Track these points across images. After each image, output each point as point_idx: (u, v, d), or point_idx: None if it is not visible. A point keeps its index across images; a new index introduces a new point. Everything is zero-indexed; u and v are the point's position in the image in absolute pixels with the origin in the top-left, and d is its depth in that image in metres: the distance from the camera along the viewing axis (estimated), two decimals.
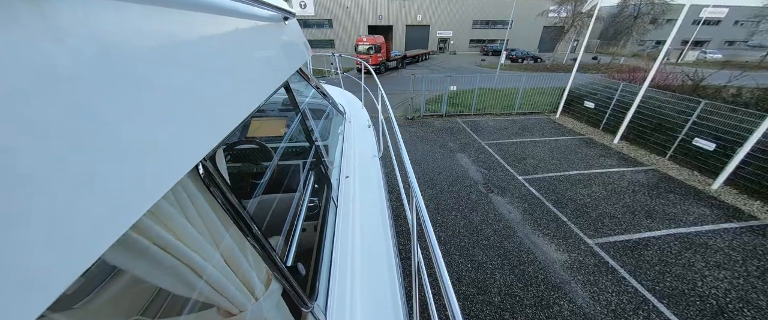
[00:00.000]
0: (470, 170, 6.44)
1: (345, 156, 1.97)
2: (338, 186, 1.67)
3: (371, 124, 2.46)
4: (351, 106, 2.88)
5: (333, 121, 2.18)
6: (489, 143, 7.89)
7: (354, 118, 2.48)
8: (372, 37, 19.69)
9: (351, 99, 3.31)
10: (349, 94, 3.70)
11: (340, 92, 3.42)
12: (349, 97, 3.44)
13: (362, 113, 2.78)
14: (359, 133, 2.27)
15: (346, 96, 3.49)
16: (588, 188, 5.74)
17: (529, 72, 22.47)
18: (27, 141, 0.25)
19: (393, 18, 34.07)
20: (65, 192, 0.28)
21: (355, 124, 2.35)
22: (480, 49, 35.73)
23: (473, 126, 9.24)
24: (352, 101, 3.20)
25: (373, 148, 2.23)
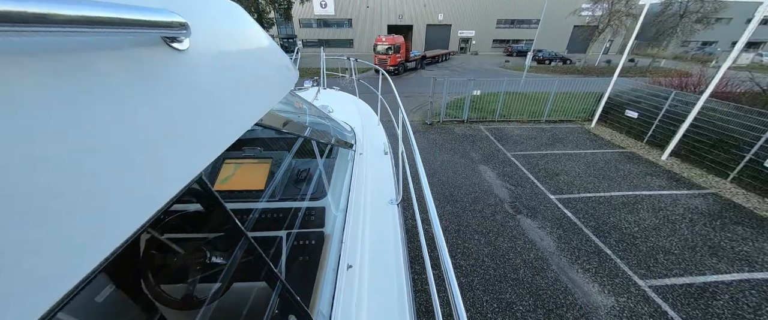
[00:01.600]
0: (495, 185, 5.84)
1: (351, 213, 1.42)
2: (336, 280, 1.13)
3: (389, 149, 1.99)
4: (365, 120, 2.46)
5: (338, 156, 1.71)
6: (515, 154, 7.21)
7: (368, 140, 2.04)
8: (391, 37, 19.23)
9: (365, 111, 2.88)
10: (363, 105, 3.27)
11: (353, 102, 3.01)
12: (363, 108, 3.02)
13: (378, 132, 2.33)
14: (372, 163, 1.82)
15: (359, 107, 3.07)
16: (634, 214, 4.98)
17: (557, 75, 21.19)
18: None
19: (413, 17, 33.42)
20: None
21: (368, 155, 1.89)
22: (503, 50, 34.29)
23: (497, 134, 8.55)
24: (365, 114, 2.77)
25: (390, 186, 1.75)
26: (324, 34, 34.61)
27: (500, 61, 28.49)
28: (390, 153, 1.96)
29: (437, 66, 25.27)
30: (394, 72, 19.63)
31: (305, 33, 34.50)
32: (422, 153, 7.21)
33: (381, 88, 3.46)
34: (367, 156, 1.84)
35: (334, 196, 1.47)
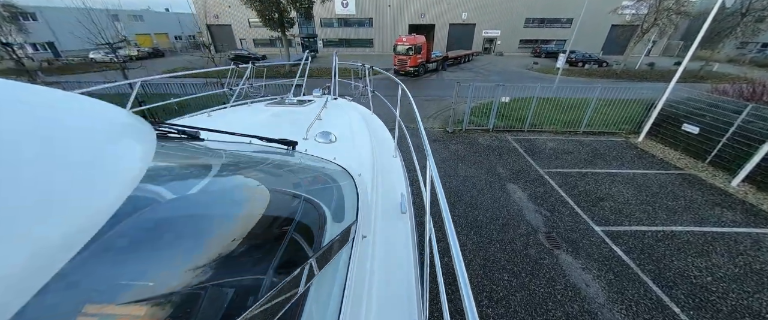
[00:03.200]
0: (526, 209, 5.07)
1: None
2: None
3: (409, 205, 1.37)
4: (378, 148, 1.90)
5: (327, 231, 1.09)
6: (549, 172, 6.35)
7: (379, 188, 1.46)
8: (412, 37, 18.53)
9: (379, 134, 2.30)
10: (377, 123, 2.70)
11: (365, 120, 2.46)
12: (377, 130, 2.46)
13: (394, 169, 1.75)
14: (387, 221, 1.22)
15: (371, 127, 2.51)
16: (705, 257, 4.05)
17: (592, 78, 19.46)
18: None
19: (436, 16, 32.43)
20: None
21: (377, 228, 1.27)
22: (531, 51, 32.42)
23: (528, 146, 7.68)
24: (380, 138, 2.20)
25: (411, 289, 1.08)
26: (344, 33, 34.47)
27: (527, 62, 26.86)
28: (410, 211, 1.36)
29: (460, 67, 24.22)
30: (414, 73, 18.93)
31: (326, 32, 34.54)
32: (442, 165, 6.56)
33: (396, 91, 2.84)
34: (376, 231, 1.26)
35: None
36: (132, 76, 8.37)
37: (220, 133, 1.33)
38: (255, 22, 25.18)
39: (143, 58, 30.83)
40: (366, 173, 1.46)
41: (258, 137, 1.40)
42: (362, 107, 3.24)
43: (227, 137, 1.45)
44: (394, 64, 19.46)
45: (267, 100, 3.07)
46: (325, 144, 1.75)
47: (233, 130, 2.08)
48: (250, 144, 1.41)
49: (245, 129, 2.09)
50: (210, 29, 35.09)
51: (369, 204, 1.28)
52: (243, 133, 1.83)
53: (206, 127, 1.34)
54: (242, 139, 1.47)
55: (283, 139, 1.47)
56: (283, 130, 2.09)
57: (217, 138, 1.58)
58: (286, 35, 20.45)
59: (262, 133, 2.07)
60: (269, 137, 1.44)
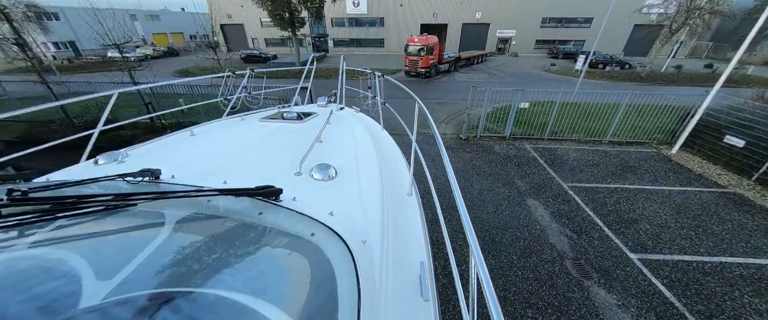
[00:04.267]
0: (550, 230, 4.59)
1: None
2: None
3: (428, 271, 1.02)
4: (391, 183, 1.53)
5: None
6: (574, 186, 5.82)
7: (392, 259, 1.10)
8: (424, 37, 18.03)
9: (391, 157, 1.91)
10: (388, 141, 2.32)
11: (374, 140, 2.09)
12: (389, 152, 2.08)
13: (412, 217, 1.37)
14: (400, 310, 0.86)
15: (383, 146, 2.13)
16: (765, 297, 3.48)
17: (614, 81, 18.41)
18: None
19: (448, 16, 31.74)
20: None
21: (391, 298, 0.90)
22: (548, 51, 31.28)
23: (548, 156, 7.13)
24: (394, 166, 1.81)
25: None
26: (355, 33, 34.23)
27: (544, 63, 25.86)
28: (433, 296, 0.99)
29: (472, 68, 23.54)
30: (426, 74, 18.44)
31: (337, 32, 34.38)
32: (456, 176, 6.10)
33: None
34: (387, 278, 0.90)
35: None
36: (138, 77, 8.32)
37: (154, 198, 0.99)
38: (267, 21, 25.24)
39: (159, 57, 31.49)
40: (373, 237, 1.08)
41: (223, 191, 1.05)
42: (371, 120, 2.87)
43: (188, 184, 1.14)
44: (405, 64, 19.02)
45: (263, 112, 2.75)
46: (322, 182, 1.39)
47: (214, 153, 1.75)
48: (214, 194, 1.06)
49: (230, 153, 1.71)
50: (223, 29, 35.55)
51: (375, 288, 0.90)
52: (218, 164, 1.47)
53: (138, 192, 1.01)
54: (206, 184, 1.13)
55: (263, 187, 1.11)
56: (275, 156, 1.74)
57: (180, 179, 1.26)
58: (297, 35, 20.31)
59: (250, 158, 1.68)
60: (242, 189, 1.08)
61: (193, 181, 1.24)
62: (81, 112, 9.09)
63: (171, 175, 1.32)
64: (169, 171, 1.34)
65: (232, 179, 1.31)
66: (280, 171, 1.48)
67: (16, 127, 8.52)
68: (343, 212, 1.16)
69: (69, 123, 8.25)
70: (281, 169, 1.50)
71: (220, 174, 1.37)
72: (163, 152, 1.74)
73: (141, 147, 1.79)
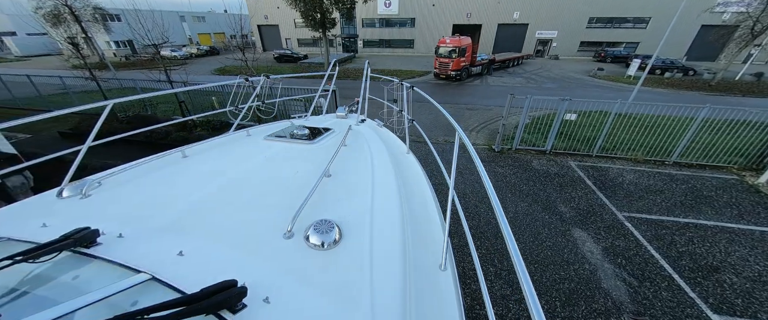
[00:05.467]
0: (602, 272, 3.83)
1: None
2: None
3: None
4: (415, 248, 1.10)
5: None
6: (632, 217, 4.91)
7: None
8: (457, 39, 17.19)
9: (423, 208, 1.45)
10: (415, 169, 1.86)
11: (397, 168, 1.66)
12: (417, 184, 1.63)
13: (448, 308, 0.94)
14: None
15: (408, 176, 1.70)
16: None
17: (676, 90, 16.04)
18: None
19: (483, 16, 30.32)
20: None
21: None
22: (594, 54, 28.63)
23: (598, 177, 6.19)
24: (422, 221, 1.37)
25: None
26: (385, 33, 34.01)
27: (588, 67, 23.63)
28: None
29: (507, 71, 22.14)
30: (456, 77, 17.59)
31: (366, 33, 34.42)
32: (484, 194, 5.47)
33: (437, 100, 2.03)
34: None
35: None
36: (174, 76, 8.69)
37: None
38: (300, 22, 25.88)
39: (201, 55, 33.76)
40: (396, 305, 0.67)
41: (145, 311, 0.67)
42: (395, 139, 2.43)
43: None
44: (435, 67, 18.32)
45: (273, 126, 2.43)
46: (318, 251, 0.98)
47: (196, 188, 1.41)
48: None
49: (214, 191, 1.34)
50: (260, 29, 37.25)
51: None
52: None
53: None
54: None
55: (223, 284, 0.72)
56: (268, 198, 1.36)
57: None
58: (327, 35, 20.48)
59: (236, 198, 1.30)
60: (192, 296, 0.69)
61: (141, 248, 0.91)
62: (126, 106, 9.73)
63: (118, 234, 0.99)
64: (119, 227, 1.02)
65: (195, 244, 0.96)
66: (266, 228, 1.10)
67: (72, 118, 9.30)
68: (343, 309, 0.75)
69: (113, 117, 8.85)
70: (269, 224, 1.11)
71: (183, 234, 1.02)
72: (138, 183, 1.45)
73: (122, 171, 1.52)
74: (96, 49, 22.40)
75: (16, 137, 8.74)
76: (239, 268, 0.89)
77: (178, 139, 7.72)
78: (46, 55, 34.30)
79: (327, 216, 1.15)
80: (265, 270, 0.89)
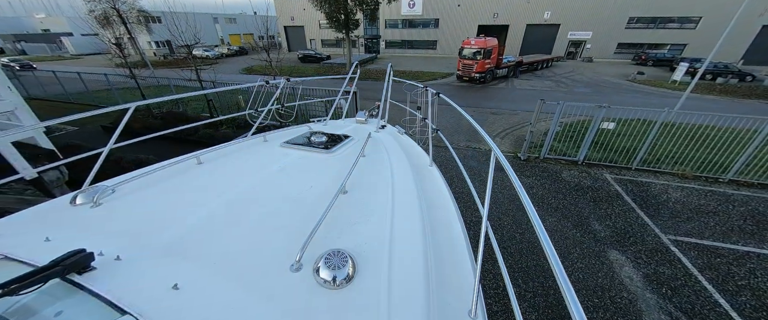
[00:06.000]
0: (643, 302, 3.41)
1: None
2: None
3: None
4: (439, 288, 0.95)
5: None
6: (679, 241, 4.38)
7: None
8: (482, 40, 16.61)
9: (447, 231, 1.28)
10: (440, 186, 1.69)
11: (419, 183, 1.50)
12: (442, 204, 1.47)
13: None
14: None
15: (433, 195, 1.53)
16: None
17: (731, 97, 14.30)
18: None
19: (510, 16, 29.21)
20: None
21: None
22: (634, 57, 26.60)
23: (638, 193, 5.63)
24: (448, 251, 1.20)
25: None
26: (407, 34, 33.78)
27: (627, 71, 21.95)
28: None
29: (535, 74, 21.11)
30: (480, 80, 17.02)
31: (389, 33, 34.38)
32: (509, 206, 5.15)
33: (460, 103, 1.89)
34: None
35: None
36: (203, 75, 9.09)
37: None
38: (324, 24, 26.36)
39: (231, 55, 35.41)
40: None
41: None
42: (417, 149, 2.27)
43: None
44: (458, 68, 17.84)
45: (291, 131, 2.35)
46: (329, 290, 0.85)
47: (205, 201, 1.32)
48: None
49: (223, 204, 1.25)
50: (286, 30, 38.44)
51: None
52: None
53: None
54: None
55: None
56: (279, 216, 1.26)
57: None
58: (350, 36, 20.65)
59: (246, 216, 1.19)
60: None
61: (136, 275, 0.83)
62: (160, 103, 10.34)
63: (115, 256, 0.92)
64: (120, 247, 0.95)
65: (193, 275, 0.87)
66: (272, 257, 0.99)
67: (113, 113, 10.02)
68: None
69: (148, 113, 9.41)
70: (276, 251, 1.00)
71: (183, 260, 0.94)
72: (149, 193, 1.40)
73: (136, 177, 1.49)
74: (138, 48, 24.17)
75: (66, 129, 9.55)
76: (237, 310, 0.77)
77: (205, 136, 8.04)
78: (96, 53, 37.61)
79: (340, 245, 1.02)
80: (266, 312, 0.77)
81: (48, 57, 37.09)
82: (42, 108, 9.79)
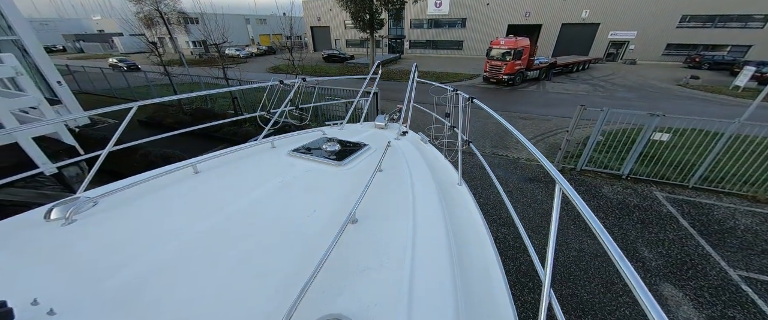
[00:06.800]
0: None
1: None
2: None
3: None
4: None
5: None
6: (753, 278, 3.66)
7: None
8: (513, 40, 15.72)
9: (491, 297, 1.00)
10: (472, 212, 1.39)
11: (443, 214, 1.21)
12: (474, 238, 1.18)
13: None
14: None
15: (461, 226, 1.24)
16: None
17: None
18: None
19: (544, 15, 27.60)
20: None
21: None
22: (685, 59, 24.06)
23: (698, 216, 4.86)
24: (488, 304, 0.91)
25: None
26: (432, 34, 33.12)
27: (676, 74, 19.85)
28: None
29: (570, 77, 19.71)
30: (509, 82, 16.13)
31: (413, 33, 33.91)
32: (540, 221, 4.64)
33: (486, 103, 1.62)
34: None
35: None
36: (230, 74, 9.33)
37: None
38: (349, 24, 26.51)
39: (260, 55, 36.80)
40: None
41: None
42: (443, 162, 1.97)
43: None
44: (485, 70, 17.06)
45: (302, 136, 2.14)
46: None
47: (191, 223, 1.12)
48: None
49: (208, 228, 1.08)
50: (312, 30, 39.27)
51: None
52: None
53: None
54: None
55: None
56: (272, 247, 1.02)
57: None
58: (374, 36, 20.53)
59: (238, 239, 1.01)
60: None
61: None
62: (190, 100, 10.80)
63: (48, 310, 0.72)
64: (62, 292, 0.76)
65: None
66: (262, 312, 0.74)
67: (148, 108, 10.61)
68: None
69: (179, 109, 9.84)
70: (256, 309, 0.76)
71: (135, 316, 0.72)
72: (131, 208, 1.23)
73: (124, 187, 1.33)
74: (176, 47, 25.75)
75: (107, 122, 10.25)
76: None
77: (229, 133, 8.22)
78: (140, 52, 40.84)
79: (342, 306, 0.75)
80: None
81: (100, 55, 40.81)
82: (89, 101, 10.58)
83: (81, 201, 1.17)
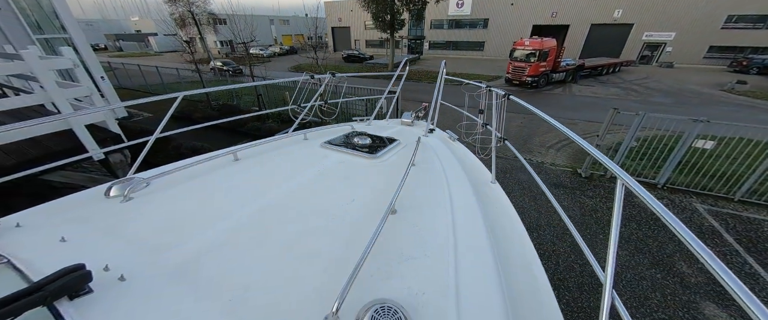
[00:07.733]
0: None
1: None
2: None
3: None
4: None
5: None
6: None
7: None
8: (538, 41, 15.19)
9: (527, 264, 0.97)
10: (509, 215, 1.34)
11: (482, 211, 1.18)
12: (512, 242, 1.14)
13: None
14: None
15: (496, 228, 1.20)
16: None
17: None
18: None
19: (571, 15, 26.48)
20: None
21: None
22: (731, 63, 22.24)
23: (744, 232, 4.46)
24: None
25: None
26: (452, 35, 32.69)
27: (720, 79, 18.38)
28: None
29: (598, 80, 18.78)
30: (532, 84, 15.60)
31: (434, 34, 33.64)
32: (565, 229, 4.43)
33: (508, 109, 1.78)
34: None
35: None
36: (256, 72, 9.68)
37: None
38: (369, 24, 26.73)
39: (283, 54, 37.92)
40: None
41: None
42: (474, 160, 1.93)
43: None
44: (507, 71, 16.60)
45: (333, 130, 2.18)
46: None
47: (235, 206, 1.16)
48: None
49: (251, 213, 1.11)
50: (333, 31, 39.95)
51: None
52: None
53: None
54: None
55: None
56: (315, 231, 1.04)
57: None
58: (394, 37, 20.57)
59: (283, 223, 1.04)
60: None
61: (132, 307, 0.66)
62: (218, 95, 11.33)
63: (119, 276, 0.77)
64: (129, 261, 0.81)
65: (197, 314, 0.68)
66: (301, 298, 0.76)
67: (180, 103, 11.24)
68: None
69: (208, 104, 10.33)
70: (306, 290, 0.77)
71: (195, 290, 0.76)
72: (180, 190, 1.30)
73: (171, 171, 1.41)
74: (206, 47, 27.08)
75: (142, 115, 10.92)
76: None
77: (253, 128, 8.53)
78: (173, 51, 43.29)
79: (390, 291, 0.75)
80: None
81: (136, 53, 43.65)
82: (126, 96, 11.33)
83: (136, 181, 1.25)
